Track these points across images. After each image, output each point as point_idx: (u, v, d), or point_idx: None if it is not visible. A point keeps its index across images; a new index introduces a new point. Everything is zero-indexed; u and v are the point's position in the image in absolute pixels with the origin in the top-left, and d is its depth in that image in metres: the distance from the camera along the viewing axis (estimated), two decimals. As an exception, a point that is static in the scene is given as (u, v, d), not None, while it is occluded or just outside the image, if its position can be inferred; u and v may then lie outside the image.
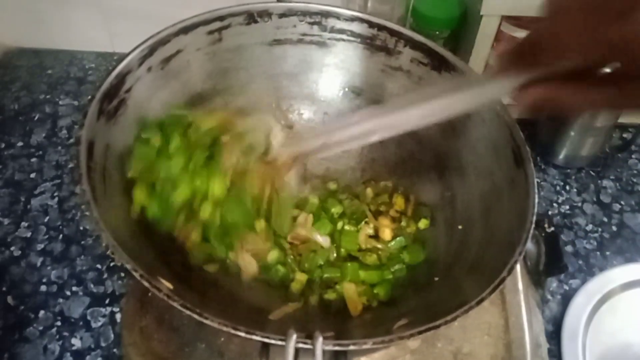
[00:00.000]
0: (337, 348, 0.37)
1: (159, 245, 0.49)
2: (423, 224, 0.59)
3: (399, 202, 0.61)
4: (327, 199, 0.61)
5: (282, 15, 0.60)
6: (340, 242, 0.57)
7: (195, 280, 0.49)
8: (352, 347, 0.37)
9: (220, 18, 0.57)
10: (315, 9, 0.60)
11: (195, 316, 0.36)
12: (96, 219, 0.40)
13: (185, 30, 0.55)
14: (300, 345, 0.36)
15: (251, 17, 0.59)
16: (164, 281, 0.41)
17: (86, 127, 0.45)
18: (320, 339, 0.36)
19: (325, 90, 0.64)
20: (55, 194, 0.71)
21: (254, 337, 0.36)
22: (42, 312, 0.60)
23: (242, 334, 0.36)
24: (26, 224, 0.68)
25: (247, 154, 0.49)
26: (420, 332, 0.39)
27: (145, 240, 0.47)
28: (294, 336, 0.36)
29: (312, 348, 0.36)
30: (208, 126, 0.50)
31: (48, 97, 0.83)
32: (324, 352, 0.36)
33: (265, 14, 0.59)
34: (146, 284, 0.37)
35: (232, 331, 0.36)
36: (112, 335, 0.59)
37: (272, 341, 0.36)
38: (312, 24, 0.60)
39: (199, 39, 0.57)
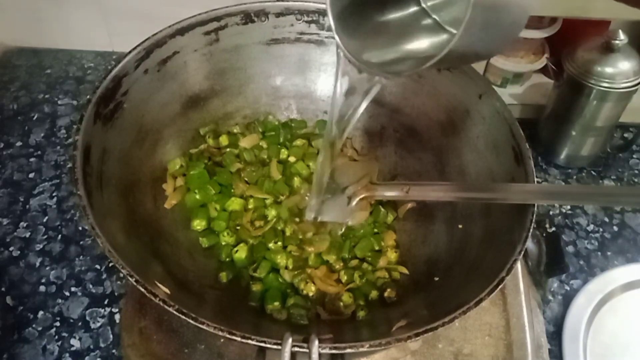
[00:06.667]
0: (333, 351, 0.37)
1: (157, 250, 0.49)
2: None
3: None
4: None
5: (279, 15, 0.59)
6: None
7: (193, 283, 0.49)
8: (348, 350, 0.37)
9: (217, 18, 0.57)
10: (313, 7, 0.59)
11: (191, 321, 0.36)
12: (91, 224, 0.40)
13: (182, 31, 0.55)
14: (296, 349, 0.36)
15: (248, 17, 0.58)
16: (161, 286, 0.41)
17: (82, 131, 0.45)
18: (316, 343, 0.36)
19: (324, 89, 0.64)
20: (54, 194, 0.71)
21: (249, 341, 0.36)
22: (41, 313, 0.60)
23: (238, 339, 0.36)
24: (25, 224, 0.68)
25: None
26: (417, 334, 0.38)
27: (142, 245, 0.47)
28: (290, 340, 0.36)
29: (308, 352, 0.36)
30: None
31: (47, 96, 0.83)
32: (320, 355, 0.36)
33: (262, 14, 0.59)
34: (142, 289, 0.37)
35: (228, 336, 0.36)
36: (111, 336, 0.59)
37: (268, 345, 0.36)
38: (309, 22, 0.60)
39: (195, 40, 0.57)
